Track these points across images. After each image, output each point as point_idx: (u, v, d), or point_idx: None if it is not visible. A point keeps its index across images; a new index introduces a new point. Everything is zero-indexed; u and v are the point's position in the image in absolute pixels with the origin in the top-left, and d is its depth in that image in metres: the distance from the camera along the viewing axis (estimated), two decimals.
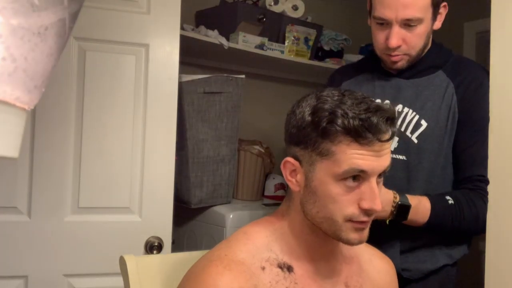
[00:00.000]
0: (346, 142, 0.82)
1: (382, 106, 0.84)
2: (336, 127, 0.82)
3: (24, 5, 0.44)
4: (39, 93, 0.49)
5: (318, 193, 0.86)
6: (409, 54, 1.27)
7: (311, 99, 0.88)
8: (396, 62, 1.28)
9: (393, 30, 1.22)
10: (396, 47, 1.24)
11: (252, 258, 0.87)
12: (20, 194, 1.52)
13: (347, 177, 0.83)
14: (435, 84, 1.30)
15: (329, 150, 0.83)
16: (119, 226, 1.60)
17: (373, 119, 0.81)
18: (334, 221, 0.86)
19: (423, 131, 1.26)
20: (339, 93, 0.87)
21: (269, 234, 0.92)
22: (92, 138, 1.58)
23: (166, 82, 1.65)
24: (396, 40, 1.22)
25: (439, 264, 1.29)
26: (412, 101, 1.29)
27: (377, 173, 0.85)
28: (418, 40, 1.25)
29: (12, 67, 0.44)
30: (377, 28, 1.27)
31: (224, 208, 2.01)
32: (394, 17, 1.20)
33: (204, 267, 0.86)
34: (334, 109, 0.83)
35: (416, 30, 1.23)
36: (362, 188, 0.84)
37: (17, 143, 0.49)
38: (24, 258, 1.52)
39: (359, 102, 0.84)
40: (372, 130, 0.81)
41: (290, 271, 0.89)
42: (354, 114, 0.82)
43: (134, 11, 1.63)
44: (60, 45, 0.51)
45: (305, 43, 2.43)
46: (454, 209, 1.21)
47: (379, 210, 0.85)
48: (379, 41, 1.27)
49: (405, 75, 1.31)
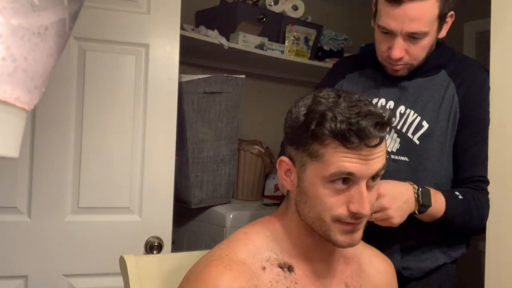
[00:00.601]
0: (334, 145, 0.82)
1: (373, 111, 0.83)
2: (324, 130, 0.82)
3: (24, 5, 0.44)
4: (39, 93, 0.49)
5: (308, 193, 0.87)
6: (411, 64, 1.26)
7: (307, 99, 0.89)
8: (397, 70, 1.28)
9: (396, 41, 1.20)
10: (398, 59, 1.23)
11: (252, 258, 0.88)
12: (20, 194, 1.52)
13: (335, 179, 0.83)
14: (436, 84, 1.30)
15: (318, 152, 0.83)
16: (119, 226, 1.60)
17: (361, 123, 0.81)
18: (323, 221, 0.86)
19: (425, 132, 1.26)
20: (335, 94, 0.87)
21: (269, 234, 0.92)
22: (92, 138, 1.58)
23: (166, 82, 1.65)
24: (399, 52, 1.21)
25: (439, 263, 1.29)
26: (414, 102, 1.29)
27: (367, 177, 0.84)
28: (421, 52, 1.24)
29: (12, 67, 0.44)
30: (380, 35, 1.25)
31: (224, 208, 2.01)
32: (399, 30, 1.18)
33: (204, 267, 0.86)
34: (325, 111, 0.83)
35: (420, 43, 1.21)
36: (351, 191, 0.84)
37: (17, 143, 0.49)
38: (24, 258, 1.52)
39: (353, 105, 0.83)
40: (360, 134, 0.81)
41: (290, 271, 0.90)
42: (343, 117, 0.81)
43: (134, 11, 1.63)
44: (60, 45, 0.51)
45: (305, 43, 2.43)
46: (465, 205, 1.20)
47: (367, 214, 0.85)
48: (381, 49, 1.26)
49: (409, 75, 1.31)
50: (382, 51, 1.26)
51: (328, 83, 1.43)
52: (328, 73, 1.51)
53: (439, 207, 1.17)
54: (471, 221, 1.22)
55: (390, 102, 1.31)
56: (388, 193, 1.07)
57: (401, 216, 1.10)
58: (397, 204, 1.08)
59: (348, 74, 1.40)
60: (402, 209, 1.10)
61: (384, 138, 0.85)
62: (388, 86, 1.33)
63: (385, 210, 1.07)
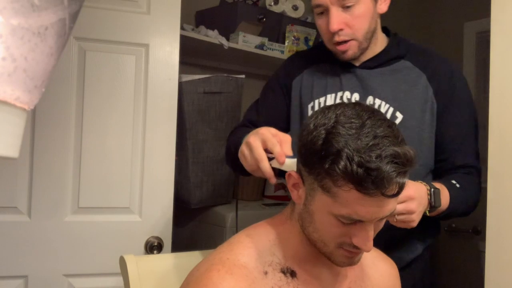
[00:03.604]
0: (347, 188, 0.75)
1: (397, 154, 0.74)
2: (338, 170, 0.74)
3: (24, 5, 0.44)
4: (39, 93, 0.49)
5: (314, 217, 0.84)
6: (355, 38, 1.22)
7: (328, 120, 0.79)
8: (345, 51, 1.24)
9: (331, 13, 1.19)
10: (338, 30, 1.20)
11: (254, 262, 0.86)
12: (20, 194, 1.52)
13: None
14: (401, 73, 1.27)
15: (330, 189, 0.77)
16: (119, 226, 1.60)
17: (382, 170, 0.72)
18: (326, 245, 0.85)
19: (400, 123, 1.24)
20: (360, 122, 0.77)
21: (272, 238, 0.91)
22: (92, 138, 1.58)
23: (166, 82, 1.65)
24: (336, 22, 1.19)
25: (418, 252, 1.30)
26: (382, 92, 1.26)
27: (376, 220, 0.80)
28: (360, 22, 1.21)
29: (12, 67, 0.44)
30: (318, 18, 1.24)
31: (224, 208, 2.01)
32: (328, 0, 1.18)
33: (205, 271, 0.84)
34: (342, 148, 0.74)
35: (355, 11, 1.19)
36: (358, 226, 0.81)
37: (17, 143, 0.49)
38: (24, 258, 1.52)
39: (375, 144, 0.74)
40: (378, 183, 0.73)
41: (293, 276, 0.88)
42: (361, 160, 0.73)
43: (134, 11, 1.63)
44: (60, 45, 0.51)
45: (305, 43, 2.43)
46: (463, 193, 1.20)
47: (368, 251, 0.83)
48: (323, 31, 1.24)
49: (368, 65, 1.29)
50: (325, 33, 1.24)
51: (283, 80, 1.38)
52: (282, 68, 1.43)
53: (445, 203, 1.15)
54: (467, 207, 1.24)
55: (355, 94, 1.28)
56: (417, 196, 1.03)
57: (419, 219, 1.07)
58: (420, 208, 1.05)
59: (306, 69, 1.36)
60: (421, 212, 1.07)
61: (403, 186, 0.77)
62: (349, 78, 1.29)
63: (411, 214, 1.02)
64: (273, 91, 1.39)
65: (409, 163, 0.75)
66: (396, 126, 0.81)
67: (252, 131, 1.05)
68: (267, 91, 1.42)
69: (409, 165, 0.75)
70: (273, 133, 1.01)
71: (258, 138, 1.01)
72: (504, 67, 1.28)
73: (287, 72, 1.40)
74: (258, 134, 1.02)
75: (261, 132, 1.01)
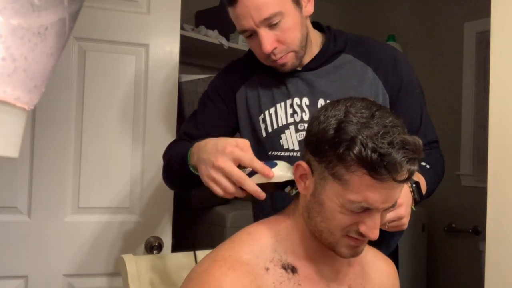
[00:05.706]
0: (360, 173, 0.78)
1: (407, 141, 0.78)
2: (352, 155, 0.77)
3: (24, 5, 0.44)
4: (39, 93, 0.49)
5: (324, 206, 0.85)
6: (292, 50, 1.19)
7: (339, 111, 0.83)
8: (285, 64, 1.21)
9: (260, 36, 1.14)
10: (272, 51, 1.16)
11: (256, 259, 0.87)
12: (20, 194, 1.52)
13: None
14: (344, 68, 1.25)
15: (343, 176, 0.80)
16: (119, 226, 1.60)
17: (394, 156, 0.76)
18: (332, 234, 0.86)
19: None
20: (369, 112, 0.81)
21: (273, 235, 0.92)
22: (92, 138, 1.58)
23: (166, 82, 1.65)
24: (268, 44, 1.15)
25: (392, 248, 1.31)
26: (333, 94, 1.22)
27: (385, 208, 0.83)
28: (292, 35, 1.17)
29: (12, 67, 0.44)
30: (249, 41, 1.21)
31: (224, 208, 2.01)
32: (253, 24, 1.13)
33: (207, 267, 0.85)
34: (355, 135, 0.78)
35: (283, 26, 1.15)
36: (366, 214, 0.83)
37: (17, 143, 0.49)
38: (24, 258, 1.52)
39: (386, 132, 0.78)
40: (390, 168, 0.76)
41: (294, 272, 0.89)
42: (375, 146, 0.76)
43: (134, 11, 1.63)
44: (60, 45, 0.51)
45: None
46: (434, 173, 1.22)
47: (374, 239, 0.85)
48: (258, 52, 1.21)
49: (310, 66, 1.26)
50: (259, 54, 1.20)
51: (225, 92, 1.33)
52: (220, 80, 1.38)
53: (424, 190, 1.16)
54: (439, 181, 1.26)
55: (304, 99, 1.24)
56: (404, 200, 1.04)
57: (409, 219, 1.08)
58: (408, 209, 1.06)
59: (248, 80, 1.32)
60: (410, 212, 1.08)
61: (414, 173, 0.80)
62: (295, 83, 1.26)
63: (401, 219, 1.03)
64: (213, 102, 1.33)
65: (418, 151, 0.79)
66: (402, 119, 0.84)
67: (207, 149, 0.98)
68: (207, 103, 1.35)
69: (417, 153, 0.79)
70: (240, 146, 0.95)
71: (227, 158, 0.93)
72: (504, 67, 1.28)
73: (227, 83, 1.35)
74: (224, 154, 0.94)
75: (228, 151, 0.93)
